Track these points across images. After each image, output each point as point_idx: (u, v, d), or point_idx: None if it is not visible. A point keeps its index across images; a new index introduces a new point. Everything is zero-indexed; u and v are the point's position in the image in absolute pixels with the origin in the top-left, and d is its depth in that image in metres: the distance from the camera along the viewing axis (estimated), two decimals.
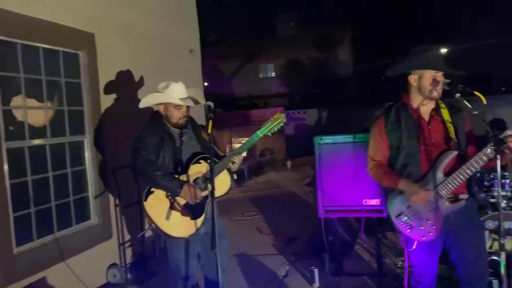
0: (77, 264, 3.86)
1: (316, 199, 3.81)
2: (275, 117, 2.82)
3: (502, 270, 2.09)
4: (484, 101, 2.23)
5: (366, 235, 4.31)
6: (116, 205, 4.39)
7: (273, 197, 8.13)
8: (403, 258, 4.06)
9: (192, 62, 6.09)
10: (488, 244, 3.63)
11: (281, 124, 2.82)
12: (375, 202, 3.58)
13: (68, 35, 3.98)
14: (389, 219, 2.63)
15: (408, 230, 2.49)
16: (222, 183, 2.80)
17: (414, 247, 2.52)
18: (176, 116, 2.84)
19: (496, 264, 3.58)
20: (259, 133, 2.82)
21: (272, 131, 2.83)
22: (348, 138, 3.65)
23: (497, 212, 3.65)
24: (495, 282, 3.42)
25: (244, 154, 2.94)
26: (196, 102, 2.91)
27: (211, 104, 2.55)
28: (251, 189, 9.05)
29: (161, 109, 2.90)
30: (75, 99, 4.16)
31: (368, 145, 2.73)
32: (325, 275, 4.04)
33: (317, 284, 3.90)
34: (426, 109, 2.55)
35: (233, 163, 2.79)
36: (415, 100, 2.55)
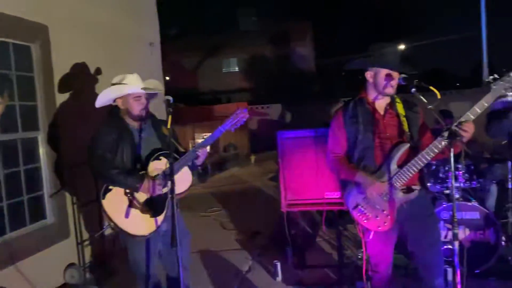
0: (33, 265, 3.70)
1: (279, 193, 3.83)
2: (237, 112, 2.81)
3: (456, 259, 2.15)
4: (439, 96, 2.31)
5: (327, 228, 4.37)
6: (73, 203, 4.25)
7: (236, 193, 8.13)
8: (362, 250, 4.17)
9: (152, 55, 5.95)
10: (443, 233, 3.77)
11: (244, 120, 2.82)
12: (336, 195, 3.63)
13: (19, 26, 3.79)
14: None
15: (365, 221, 2.57)
16: (183, 180, 2.75)
17: (371, 237, 2.58)
18: (136, 108, 2.76)
19: (451, 253, 3.75)
20: (222, 129, 2.80)
21: (234, 126, 2.82)
22: (310, 132, 3.69)
23: (451, 203, 3.81)
24: (450, 271, 3.57)
25: (208, 149, 2.90)
26: (155, 90, 2.86)
27: (170, 98, 2.50)
28: (214, 185, 9.00)
29: (119, 103, 2.81)
30: (28, 93, 3.97)
31: (328, 139, 2.79)
32: (288, 268, 4.09)
33: (279, 277, 3.94)
34: (381, 103, 2.64)
35: (196, 157, 2.76)
36: (371, 95, 2.65)
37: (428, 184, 4.14)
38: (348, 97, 2.78)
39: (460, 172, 3.94)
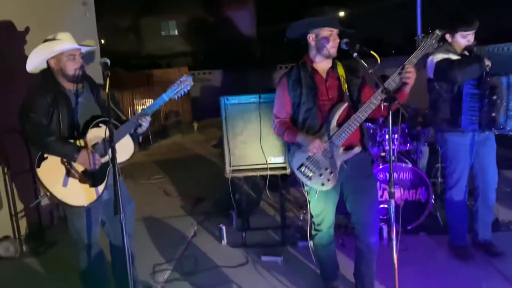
0: None
1: (223, 160, 3.83)
2: (182, 79, 2.74)
3: (391, 216, 2.29)
4: (379, 61, 2.39)
5: (271, 192, 4.48)
6: (4, 173, 4.00)
7: (180, 160, 8.03)
8: (304, 211, 4.33)
9: (86, 15, 5.58)
10: (379, 193, 3.99)
11: (188, 88, 2.75)
12: (279, 160, 3.69)
13: None
14: (292, 172, 2.76)
15: (309, 180, 2.65)
16: (125, 148, 2.65)
17: (316, 196, 2.68)
18: (71, 67, 2.57)
19: (387, 211, 3.99)
20: (165, 97, 2.71)
21: (178, 94, 2.75)
22: (254, 98, 3.68)
23: (387, 164, 4.02)
24: (385, 228, 3.82)
25: (149, 117, 2.81)
26: (91, 46, 2.71)
27: (107, 60, 2.38)
28: (157, 153, 8.83)
29: (52, 63, 2.60)
30: None
31: (274, 104, 2.82)
32: (233, 232, 4.16)
33: (225, 240, 4.00)
34: (323, 66, 2.69)
35: (140, 125, 2.66)
36: (314, 58, 2.69)
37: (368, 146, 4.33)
38: (291, 63, 2.81)
39: (396, 135, 4.15)
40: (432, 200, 4.04)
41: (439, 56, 3.15)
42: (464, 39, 3.15)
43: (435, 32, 2.44)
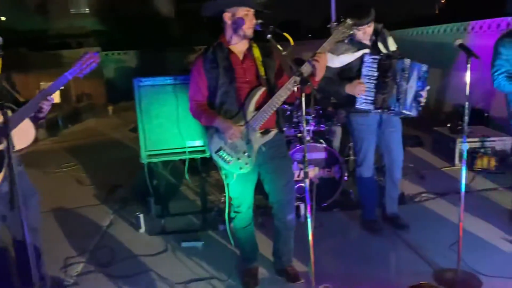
0: None
1: (139, 144, 3.68)
2: (86, 56, 2.55)
3: (306, 195, 2.35)
4: (292, 43, 2.40)
5: (190, 176, 4.40)
6: None
7: (93, 146, 7.61)
8: (225, 194, 4.32)
9: None
10: (296, 173, 4.10)
11: (94, 65, 2.57)
12: (198, 143, 3.62)
13: None
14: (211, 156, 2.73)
15: (227, 164, 2.63)
16: (24, 134, 2.42)
17: (233, 179, 2.67)
18: None
19: (303, 190, 4.11)
20: (68, 75, 2.51)
21: (83, 72, 2.57)
22: (169, 80, 3.55)
23: (303, 145, 4.13)
24: (302, 206, 3.94)
25: (57, 99, 2.59)
26: None
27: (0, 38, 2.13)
28: (68, 139, 8.28)
29: None
30: None
31: (189, 86, 2.73)
32: (151, 219, 4.04)
33: (143, 228, 3.88)
34: (240, 48, 2.65)
35: (40, 110, 2.44)
36: (230, 39, 2.64)
37: (284, 128, 4.41)
38: (211, 43, 2.73)
39: (311, 117, 4.27)
40: (345, 178, 4.24)
41: (336, 60, 3.29)
42: (360, 31, 3.27)
43: (346, 21, 2.49)
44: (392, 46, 3.43)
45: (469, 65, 2.66)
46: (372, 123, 3.43)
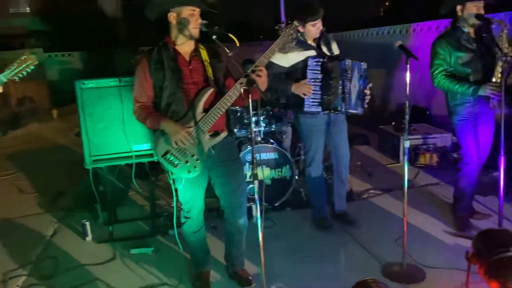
0: None
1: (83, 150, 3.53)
2: (22, 58, 2.45)
3: (255, 196, 2.34)
4: (238, 44, 2.39)
5: (139, 180, 4.28)
6: None
7: (36, 152, 7.23)
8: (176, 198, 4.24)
9: None
10: (248, 174, 4.10)
11: (32, 67, 2.48)
12: (145, 147, 3.52)
13: None
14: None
15: (175, 168, 2.56)
16: None
17: (182, 184, 2.62)
18: None
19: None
20: (3, 77, 2.40)
21: (19, 75, 2.47)
22: (113, 81, 3.43)
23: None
24: (254, 207, 3.94)
25: None
26: None
27: None
28: (8, 145, 7.81)
29: None
30: None
31: (134, 87, 2.66)
32: (99, 226, 3.90)
33: (89, 237, 3.73)
34: (186, 49, 2.60)
35: None
36: (176, 39, 2.58)
37: (235, 130, 4.40)
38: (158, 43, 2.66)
39: (261, 118, 4.28)
40: (296, 177, 4.29)
41: (284, 59, 3.33)
42: (314, 27, 3.33)
43: (293, 23, 2.50)
44: (336, 50, 3.52)
45: (408, 66, 2.76)
46: (320, 124, 3.49)
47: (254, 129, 4.23)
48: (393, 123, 5.77)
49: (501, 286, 2.05)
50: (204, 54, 2.61)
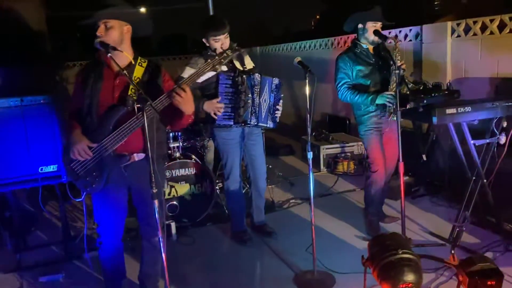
0: None
1: None
2: None
3: (157, 216, 2.31)
4: (133, 62, 2.36)
5: (53, 202, 4.10)
6: None
7: None
8: (92, 219, 4.09)
9: None
10: (167, 191, 4.05)
11: None
12: (52, 168, 3.38)
13: None
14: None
15: (76, 180, 2.53)
16: None
17: (82, 197, 2.57)
18: None
19: (174, 207, 4.07)
20: None
21: None
22: (14, 102, 3.26)
23: (172, 162, 4.09)
24: (173, 225, 3.90)
25: None
26: None
27: None
28: None
29: None
30: None
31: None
32: (7, 254, 3.66)
33: None
34: (120, 63, 2.44)
35: None
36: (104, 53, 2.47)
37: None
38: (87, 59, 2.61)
39: (178, 133, 4.25)
40: (218, 191, 4.30)
41: (185, 73, 3.34)
42: (217, 42, 3.36)
43: (226, 52, 2.56)
44: (249, 65, 3.59)
45: (307, 80, 2.88)
46: (235, 137, 3.53)
47: (171, 145, 4.19)
48: (313, 134, 5.97)
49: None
50: (139, 71, 2.54)
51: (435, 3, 18.90)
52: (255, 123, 3.40)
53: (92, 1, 2.48)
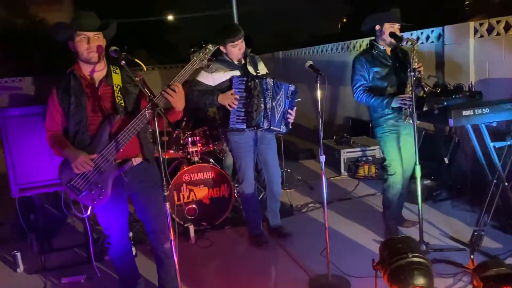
0: None
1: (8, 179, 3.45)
2: None
3: (168, 219, 2.36)
4: (145, 69, 2.42)
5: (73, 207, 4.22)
6: None
7: None
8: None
9: None
10: (185, 195, 4.11)
11: None
12: None
13: None
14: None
15: (79, 195, 2.53)
16: None
17: (88, 213, 2.60)
18: None
19: (193, 211, 4.14)
20: None
21: None
22: (38, 109, 3.40)
23: (191, 166, 4.17)
24: (191, 228, 3.95)
25: None
26: None
27: None
28: None
29: None
30: None
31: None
32: (33, 257, 3.79)
33: (21, 268, 3.63)
34: (97, 75, 2.56)
35: None
36: (83, 66, 2.55)
37: (171, 151, 4.42)
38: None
39: (197, 138, 4.32)
40: (236, 195, 4.34)
41: (210, 78, 3.42)
42: (235, 48, 3.42)
43: (207, 46, 2.49)
44: (262, 70, 3.62)
45: (318, 84, 2.89)
46: (248, 141, 3.56)
47: (190, 150, 4.27)
48: (334, 137, 5.93)
49: None
50: (116, 78, 2.58)
51: (466, 2, 18.46)
52: (268, 127, 3.42)
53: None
